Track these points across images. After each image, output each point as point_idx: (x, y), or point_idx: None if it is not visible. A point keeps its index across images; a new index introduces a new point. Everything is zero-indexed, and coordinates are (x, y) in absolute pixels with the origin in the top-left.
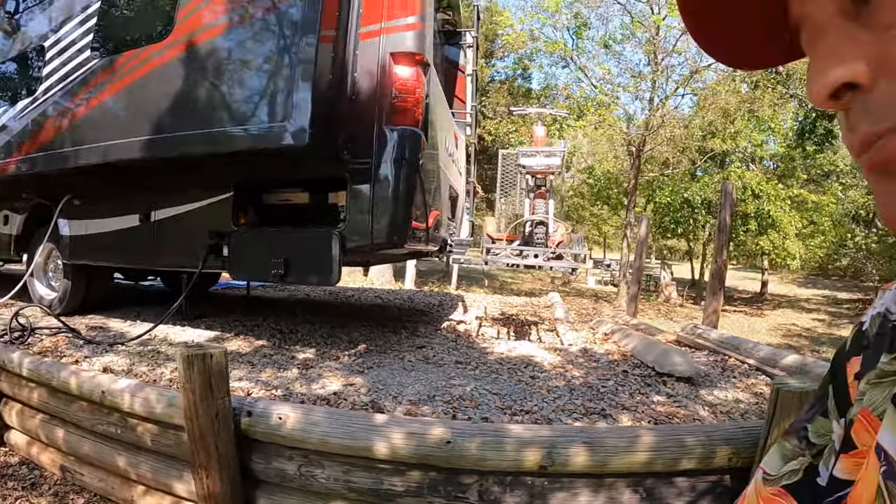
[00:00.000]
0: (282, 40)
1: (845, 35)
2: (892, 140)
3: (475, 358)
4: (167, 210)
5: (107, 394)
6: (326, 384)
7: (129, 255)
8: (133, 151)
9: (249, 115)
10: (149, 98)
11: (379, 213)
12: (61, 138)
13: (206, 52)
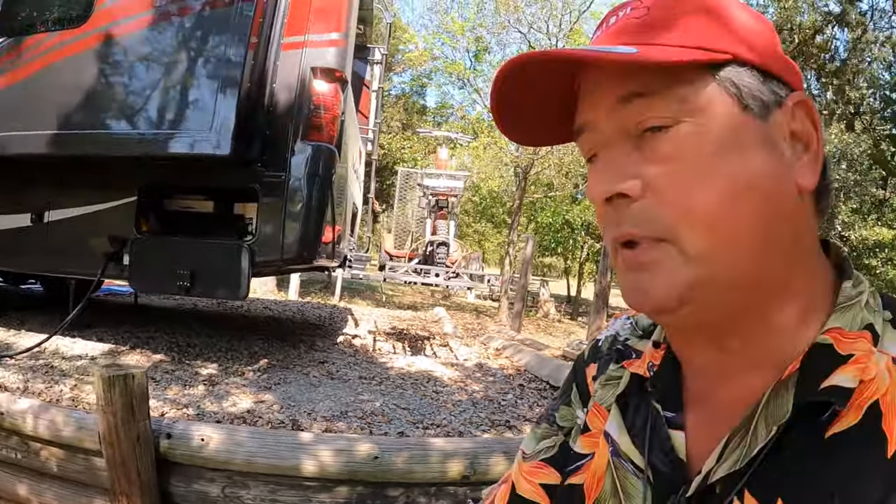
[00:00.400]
0: (209, 43)
1: (628, 155)
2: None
3: (378, 373)
4: (63, 211)
5: (6, 415)
6: (237, 401)
7: (15, 258)
8: (38, 146)
9: (169, 120)
10: (59, 89)
11: (290, 228)
12: None
13: (126, 47)
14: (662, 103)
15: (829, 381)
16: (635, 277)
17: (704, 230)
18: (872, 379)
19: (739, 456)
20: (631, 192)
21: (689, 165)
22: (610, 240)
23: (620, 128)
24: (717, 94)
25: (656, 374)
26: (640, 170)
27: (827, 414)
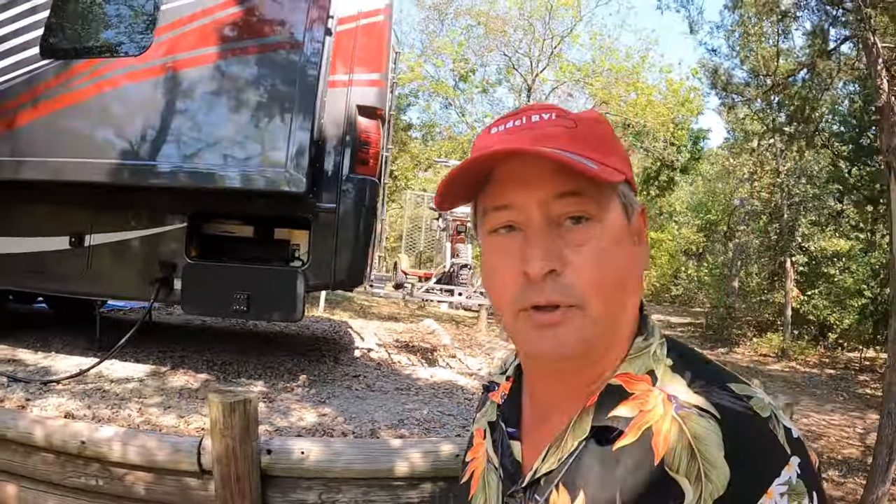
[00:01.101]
0: (276, 82)
1: (555, 240)
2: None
3: (409, 384)
4: (107, 235)
5: (88, 443)
6: (301, 416)
7: (49, 281)
8: (101, 174)
9: (243, 156)
10: (122, 118)
11: (341, 255)
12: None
13: (190, 81)
14: (587, 203)
15: (614, 412)
16: (552, 333)
17: (602, 299)
18: (650, 410)
19: (555, 460)
20: (559, 269)
21: (597, 252)
22: (524, 304)
23: (549, 214)
24: (616, 202)
25: (505, 402)
26: (563, 252)
27: (614, 434)
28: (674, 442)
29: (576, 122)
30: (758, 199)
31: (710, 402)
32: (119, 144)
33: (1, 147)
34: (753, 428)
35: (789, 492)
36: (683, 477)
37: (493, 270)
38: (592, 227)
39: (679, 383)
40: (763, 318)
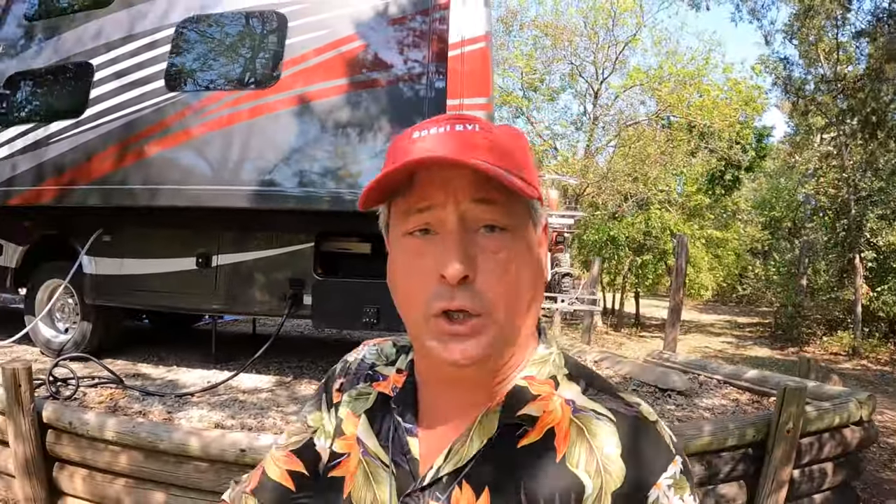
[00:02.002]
0: (401, 113)
1: (470, 245)
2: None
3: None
4: (234, 255)
5: (248, 451)
6: None
7: (178, 299)
8: (239, 200)
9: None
10: (255, 147)
11: None
12: (122, 173)
13: (320, 111)
14: (501, 212)
15: (524, 411)
16: (460, 341)
17: (509, 310)
18: (551, 412)
19: (460, 458)
20: (471, 276)
21: (507, 262)
22: (435, 309)
23: (465, 220)
24: (527, 215)
25: (399, 395)
26: (476, 259)
27: (519, 432)
28: (574, 441)
29: (497, 136)
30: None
31: (605, 407)
32: (253, 172)
33: (133, 176)
34: (644, 430)
35: (674, 484)
36: (584, 472)
37: (406, 272)
38: (505, 238)
39: (575, 390)
40: (833, 316)
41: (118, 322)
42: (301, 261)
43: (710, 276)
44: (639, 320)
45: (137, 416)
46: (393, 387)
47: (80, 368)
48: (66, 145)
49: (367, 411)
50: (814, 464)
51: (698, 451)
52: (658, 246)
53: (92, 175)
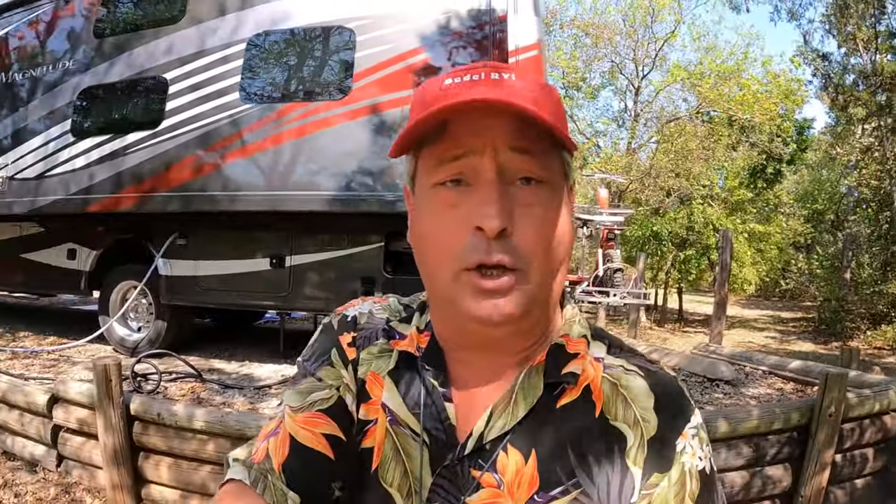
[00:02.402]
0: None
1: (507, 198)
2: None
3: None
4: (308, 256)
5: None
6: None
7: (252, 297)
8: (317, 205)
9: None
10: (326, 154)
11: None
12: (202, 180)
13: (391, 120)
14: (539, 164)
15: (567, 369)
16: (494, 297)
17: (544, 266)
18: (586, 370)
19: (506, 421)
20: (510, 229)
21: (543, 217)
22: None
23: (501, 170)
24: (561, 168)
25: (426, 355)
26: (514, 209)
27: (556, 391)
28: (609, 395)
29: (533, 88)
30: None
31: (633, 364)
32: (328, 178)
33: (213, 183)
34: (670, 383)
35: (697, 434)
36: (623, 423)
37: (436, 225)
38: (542, 191)
39: (601, 349)
40: (877, 311)
41: (190, 320)
42: (371, 260)
43: (753, 270)
44: (682, 316)
45: (222, 407)
46: (417, 346)
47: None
48: (145, 155)
49: (390, 372)
50: (855, 449)
51: (747, 433)
52: (701, 241)
53: (171, 183)
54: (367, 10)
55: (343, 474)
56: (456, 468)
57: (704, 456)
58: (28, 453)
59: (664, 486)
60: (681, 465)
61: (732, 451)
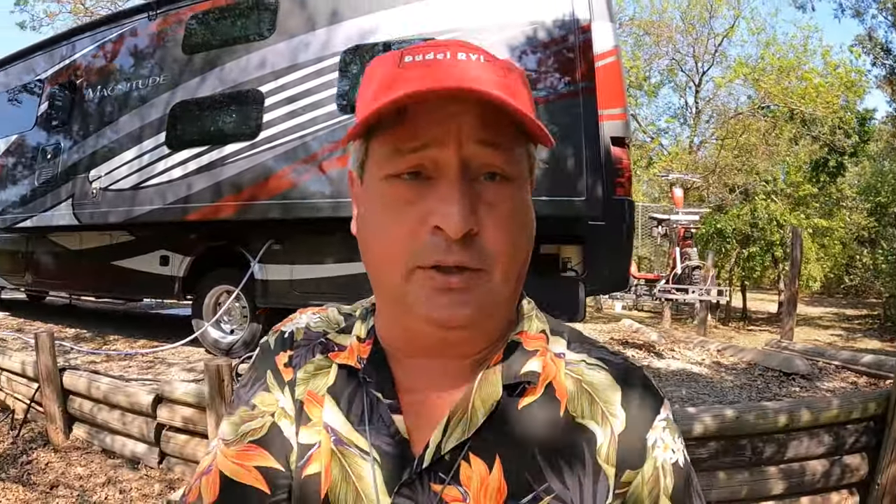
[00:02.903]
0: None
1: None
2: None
3: (653, 373)
4: None
5: None
6: None
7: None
8: None
9: (548, 189)
10: None
11: (611, 264)
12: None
13: None
14: (506, 158)
15: (527, 368)
16: (451, 298)
17: (507, 266)
18: (547, 366)
19: (464, 429)
20: (475, 229)
21: (509, 215)
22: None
23: (466, 164)
24: (527, 161)
25: (368, 366)
26: (479, 208)
27: (517, 391)
28: (573, 392)
29: (504, 71)
30: None
31: (594, 358)
32: None
33: (313, 191)
34: (636, 375)
35: (667, 426)
36: (590, 420)
37: (387, 221)
38: (508, 188)
39: (560, 343)
40: None
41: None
42: None
43: (817, 266)
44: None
45: None
46: (358, 357)
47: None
48: (244, 165)
49: (329, 389)
50: None
51: (827, 422)
52: (764, 237)
53: (272, 191)
54: (455, 23)
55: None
56: (415, 484)
57: (677, 448)
58: (129, 451)
59: (637, 484)
60: (653, 460)
61: (814, 439)
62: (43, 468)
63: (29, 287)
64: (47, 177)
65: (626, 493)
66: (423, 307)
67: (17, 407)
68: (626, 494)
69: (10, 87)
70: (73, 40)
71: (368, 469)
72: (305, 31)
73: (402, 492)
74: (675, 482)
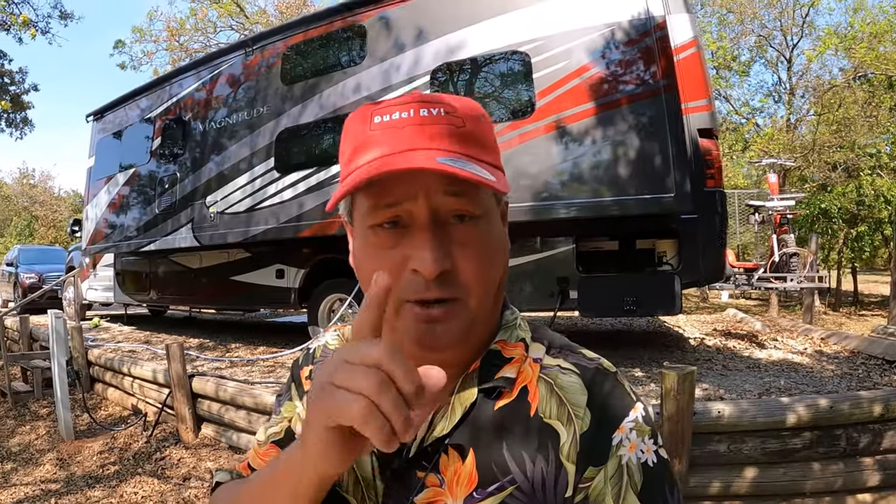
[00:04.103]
0: (645, 124)
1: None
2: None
3: (753, 363)
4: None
5: None
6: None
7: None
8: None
9: (635, 187)
10: (521, 170)
11: (706, 257)
12: None
13: (578, 133)
14: (472, 202)
15: (501, 374)
16: (434, 327)
17: (483, 291)
18: (523, 371)
19: (444, 425)
20: (448, 267)
21: (480, 250)
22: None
23: (435, 211)
24: (494, 200)
25: None
26: (451, 248)
27: (495, 394)
28: (544, 395)
29: (463, 121)
30: None
31: (569, 362)
32: (526, 191)
33: None
34: (606, 378)
35: (636, 428)
36: (556, 420)
37: (374, 263)
38: (476, 226)
39: (540, 350)
40: None
41: None
42: (565, 261)
43: None
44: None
45: None
46: None
47: None
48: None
49: None
50: None
51: None
52: (872, 215)
53: None
54: (535, 33)
55: None
56: (404, 471)
57: (647, 449)
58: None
59: (600, 480)
60: (617, 459)
61: None
62: (175, 463)
63: (153, 303)
64: (166, 204)
65: (588, 486)
66: (412, 335)
67: (149, 410)
68: (589, 489)
69: (123, 126)
70: (176, 80)
71: (367, 458)
72: (395, 53)
73: (393, 476)
74: (643, 480)
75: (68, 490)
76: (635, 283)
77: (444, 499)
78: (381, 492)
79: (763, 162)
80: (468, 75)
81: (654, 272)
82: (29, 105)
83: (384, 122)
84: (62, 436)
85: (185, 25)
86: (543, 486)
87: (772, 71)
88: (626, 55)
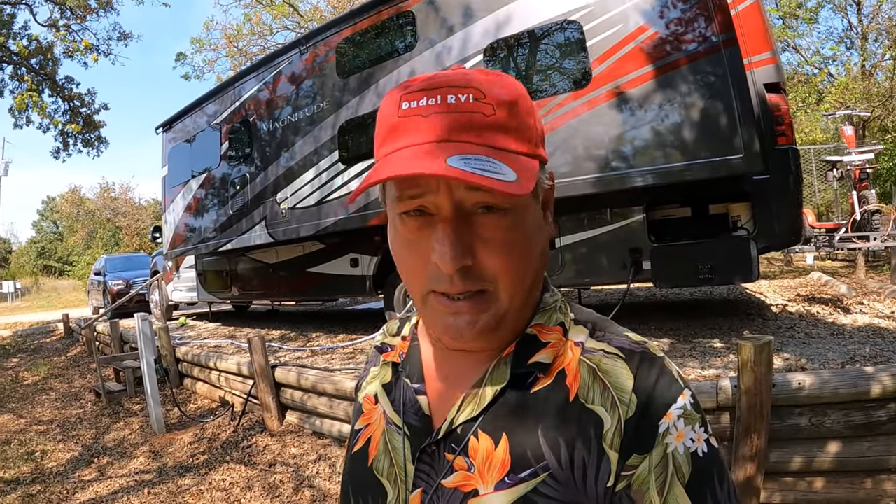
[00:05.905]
0: (707, 84)
1: (467, 232)
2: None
3: (837, 330)
4: (576, 235)
5: None
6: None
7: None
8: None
9: (705, 150)
10: (583, 140)
11: (782, 219)
12: None
13: (638, 98)
14: (498, 196)
15: (534, 359)
16: (464, 319)
17: (512, 280)
18: (562, 355)
19: (473, 408)
20: (470, 262)
21: (507, 242)
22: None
23: (460, 203)
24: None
25: (405, 360)
26: (474, 244)
27: (531, 379)
28: (585, 379)
29: (493, 108)
30: None
31: (614, 346)
32: (590, 162)
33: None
34: (653, 363)
35: (684, 415)
36: (599, 406)
37: (405, 249)
38: (504, 218)
39: (583, 333)
40: None
41: None
42: (636, 231)
43: None
44: None
45: None
46: (400, 353)
47: None
48: None
49: (383, 384)
50: None
51: None
52: None
53: None
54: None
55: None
56: (433, 453)
57: (697, 438)
58: (336, 431)
59: (644, 468)
60: (663, 447)
61: None
62: (261, 450)
63: (235, 299)
64: (240, 205)
65: (631, 475)
66: (438, 326)
67: (236, 401)
68: (632, 477)
69: (191, 133)
70: (237, 85)
71: (401, 441)
72: (445, 35)
73: (422, 458)
74: (691, 471)
75: (160, 480)
76: (709, 250)
77: (473, 483)
78: (412, 474)
79: (837, 114)
80: (521, 49)
81: (728, 238)
82: (102, 124)
83: (411, 109)
84: (154, 429)
85: (241, 31)
86: (584, 474)
87: (841, 16)
88: (681, 13)
